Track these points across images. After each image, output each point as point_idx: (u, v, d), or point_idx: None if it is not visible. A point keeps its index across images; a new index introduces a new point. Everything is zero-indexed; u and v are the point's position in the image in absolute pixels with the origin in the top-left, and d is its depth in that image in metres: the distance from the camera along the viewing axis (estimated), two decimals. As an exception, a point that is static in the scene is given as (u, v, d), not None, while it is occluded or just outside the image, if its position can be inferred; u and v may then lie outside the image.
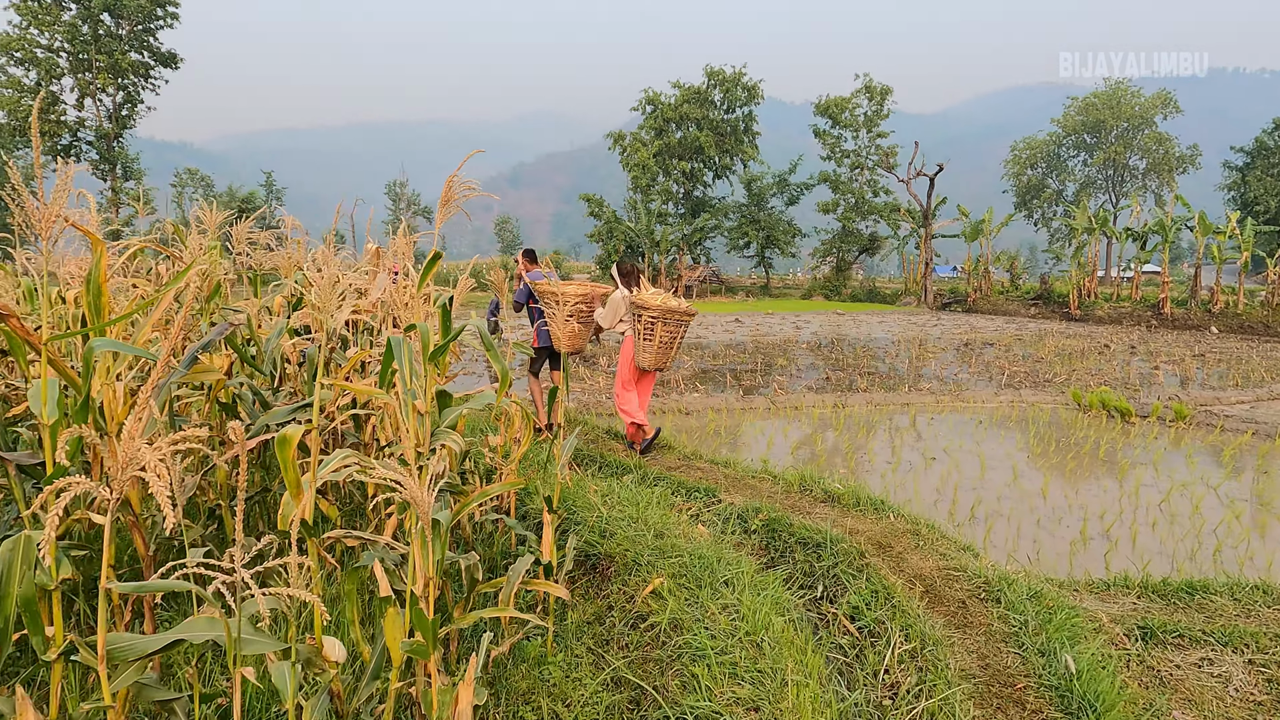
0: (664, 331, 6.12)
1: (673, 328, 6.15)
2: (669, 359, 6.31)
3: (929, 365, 15.80)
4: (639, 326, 6.22)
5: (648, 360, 6.25)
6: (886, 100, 44.38)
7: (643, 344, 6.23)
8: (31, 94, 31.32)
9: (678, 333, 6.21)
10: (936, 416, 9.82)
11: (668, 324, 6.12)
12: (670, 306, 6.11)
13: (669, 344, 6.19)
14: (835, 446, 8.02)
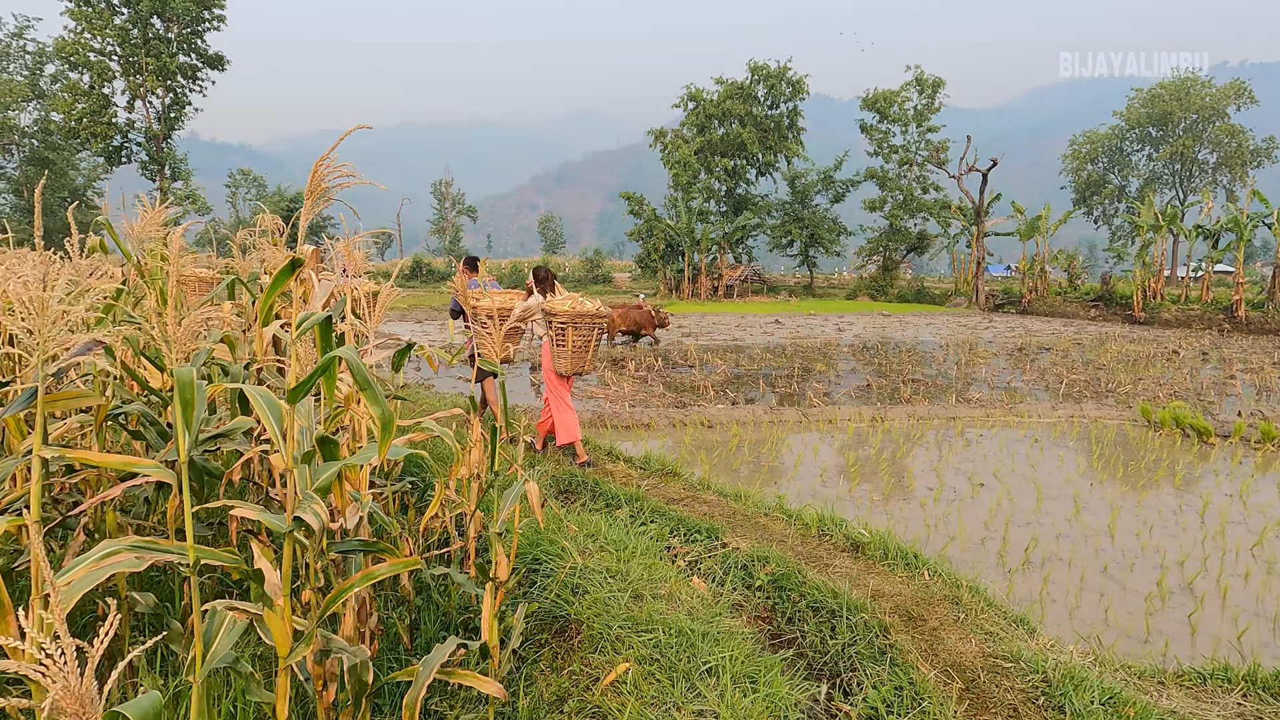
0: (576, 336, 6.17)
1: (585, 332, 6.20)
2: (586, 363, 6.33)
3: (979, 371, 14.78)
4: (551, 333, 6.29)
5: (564, 365, 6.29)
6: (938, 93, 42.72)
7: (557, 350, 6.30)
8: (85, 97, 32.09)
9: (590, 336, 6.26)
10: (986, 433, 8.93)
11: (579, 329, 6.16)
12: (579, 311, 6.14)
13: (583, 348, 6.25)
14: (870, 468, 7.23)
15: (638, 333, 18.32)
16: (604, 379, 13.04)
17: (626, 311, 18.19)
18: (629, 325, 18.11)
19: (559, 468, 5.47)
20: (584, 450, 6.32)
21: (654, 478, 5.45)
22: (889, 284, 43.42)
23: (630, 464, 5.80)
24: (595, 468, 5.75)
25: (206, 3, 33.15)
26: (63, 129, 33.67)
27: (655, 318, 18.31)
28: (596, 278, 52.05)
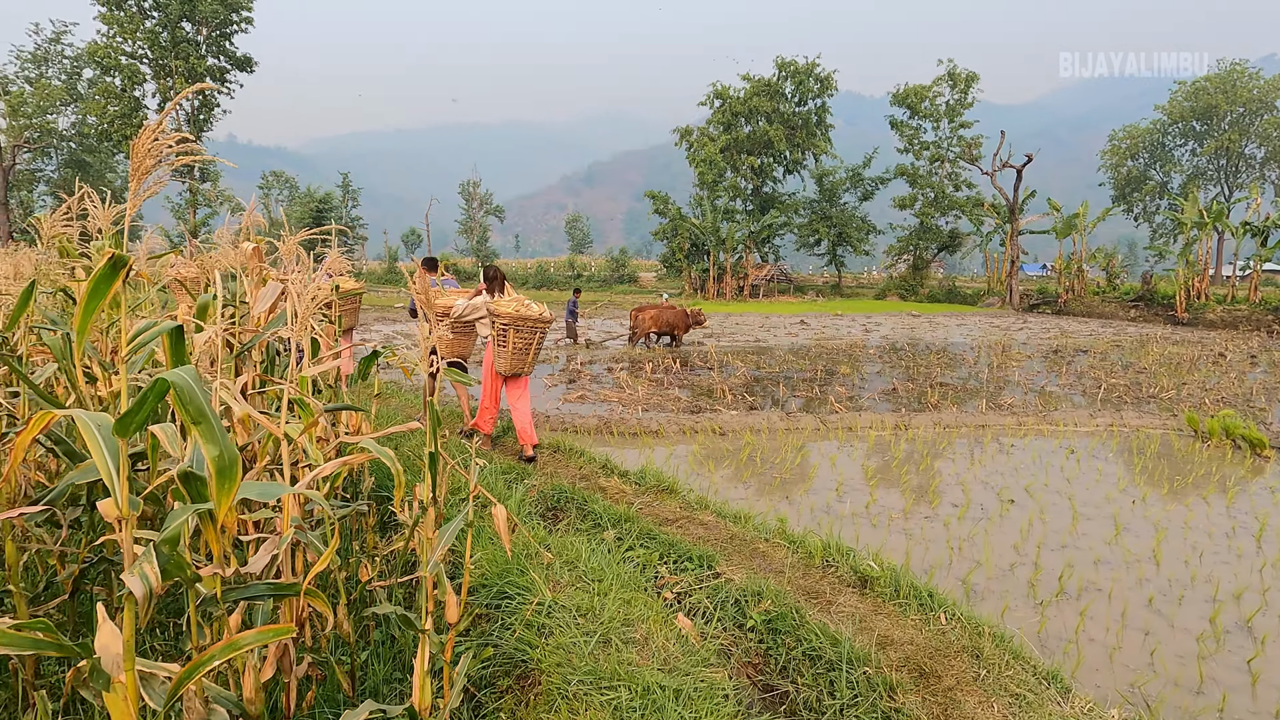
0: (517, 338, 6.32)
1: (526, 335, 6.36)
2: (525, 364, 6.48)
3: (1012, 374, 14.12)
4: (494, 333, 6.40)
5: (503, 365, 6.41)
6: (971, 88, 41.65)
7: (498, 349, 6.41)
8: (117, 100, 32.55)
9: (531, 340, 6.42)
10: (1018, 442, 8.37)
11: (520, 331, 6.31)
12: (522, 315, 6.25)
13: (523, 350, 6.39)
14: (890, 481, 6.75)
15: (672, 333, 17.89)
16: (620, 382, 12.65)
17: (660, 312, 17.75)
18: (662, 326, 17.68)
19: (550, 482, 5.10)
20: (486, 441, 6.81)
21: (649, 495, 5.04)
22: (919, 283, 42.46)
23: (625, 479, 5.39)
24: (588, 482, 5.37)
25: (234, 5, 33.45)
26: (96, 131, 34.19)
27: (690, 318, 17.85)
28: (622, 277, 51.71)
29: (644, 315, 17.70)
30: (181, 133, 1.99)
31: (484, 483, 4.76)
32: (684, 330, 17.86)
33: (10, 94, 40.73)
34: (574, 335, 18.36)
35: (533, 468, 5.88)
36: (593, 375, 13.57)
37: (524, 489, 4.91)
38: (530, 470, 5.45)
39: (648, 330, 17.63)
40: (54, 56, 42.58)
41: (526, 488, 4.96)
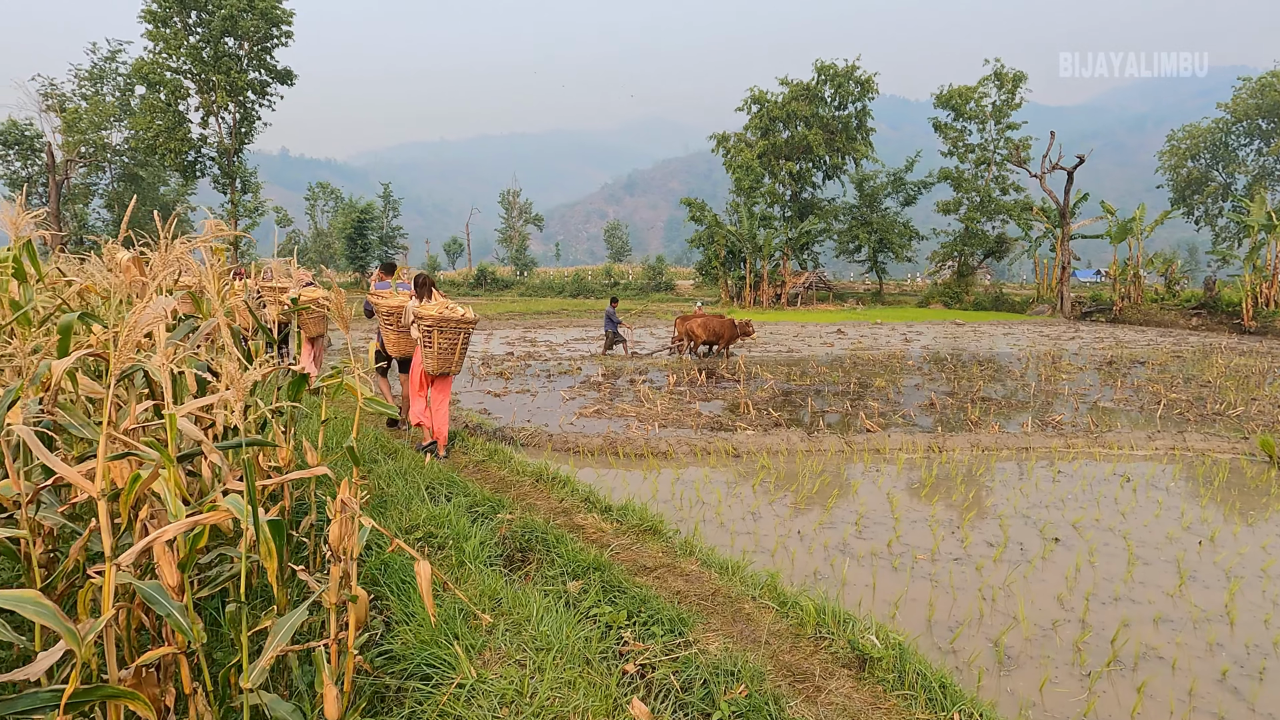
0: (442, 339, 6.68)
1: (450, 335, 6.71)
2: (452, 363, 6.83)
3: (1062, 388, 13.17)
4: (420, 334, 6.81)
5: (430, 365, 6.78)
6: (1019, 88, 40.17)
7: (425, 350, 6.77)
8: (162, 114, 33.32)
9: (456, 340, 6.76)
10: (1065, 468, 7.56)
11: (444, 332, 6.67)
12: (445, 316, 6.63)
13: (449, 350, 6.75)
14: (916, 514, 6.05)
15: (718, 343, 17.32)
16: (640, 395, 12.10)
17: (707, 320, 17.19)
18: (709, 335, 17.10)
19: (523, 518, 4.56)
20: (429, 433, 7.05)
21: (629, 536, 4.47)
22: (964, 290, 41.00)
23: (607, 515, 4.82)
24: (564, 520, 4.81)
25: (274, 20, 33.98)
26: (142, 145, 35.04)
27: (738, 328, 17.27)
28: (659, 285, 51.22)
29: (690, 324, 17.18)
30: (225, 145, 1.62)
31: (447, 518, 4.26)
32: (730, 340, 17.27)
33: (66, 110, 42.13)
34: (611, 345, 17.82)
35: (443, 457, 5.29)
36: (614, 388, 13.05)
37: (490, 527, 4.39)
38: (503, 501, 4.91)
39: (695, 340, 17.10)
40: (109, 74, 43.95)
41: (495, 525, 4.44)
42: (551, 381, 13.87)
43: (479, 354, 17.46)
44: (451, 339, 6.69)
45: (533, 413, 10.83)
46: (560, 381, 13.87)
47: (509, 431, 8.23)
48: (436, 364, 6.71)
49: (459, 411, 10.30)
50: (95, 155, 44.46)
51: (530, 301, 40.48)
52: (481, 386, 13.18)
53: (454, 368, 6.85)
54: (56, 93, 43.52)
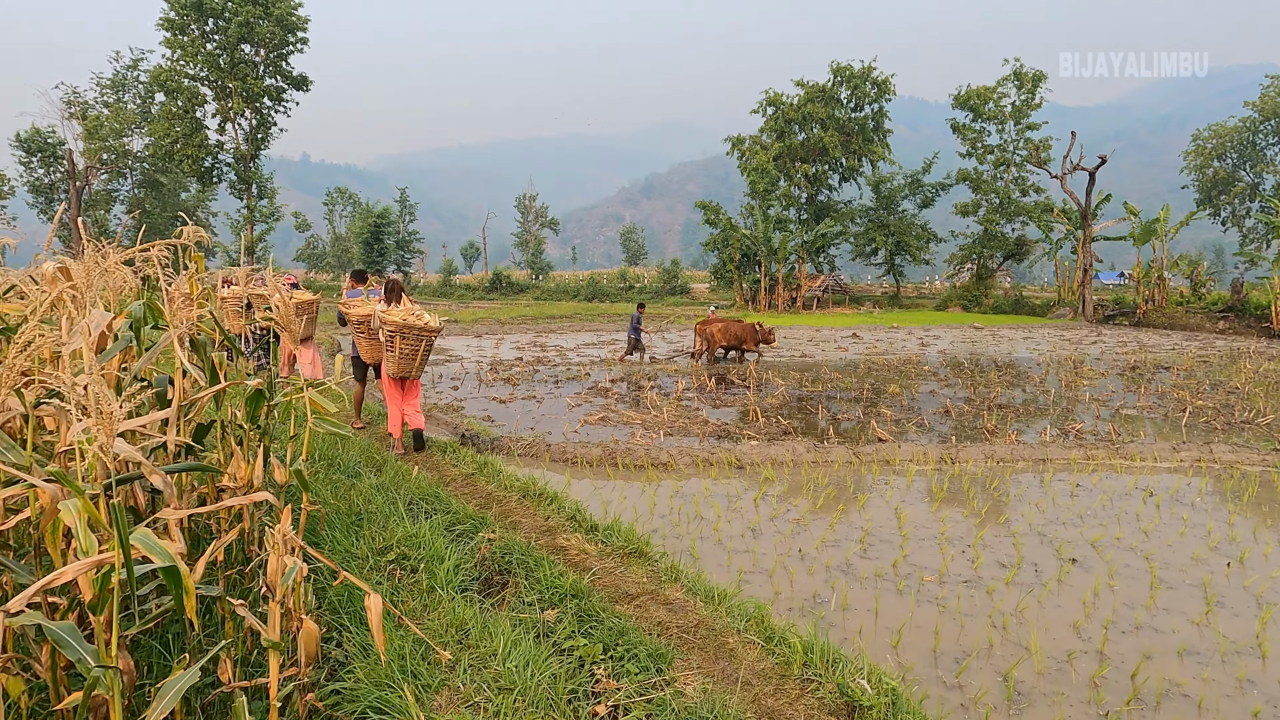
0: (403, 345, 6.92)
1: (413, 341, 6.94)
2: (413, 368, 7.07)
3: (1082, 395, 12.76)
4: (383, 339, 7.01)
5: (391, 368, 7.03)
6: (1039, 88, 39.49)
7: (387, 354, 7.01)
8: (179, 121, 33.65)
9: (418, 346, 6.98)
10: (1084, 481, 7.22)
11: (406, 338, 6.90)
12: (408, 323, 6.87)
13: (410, 355, 6.98)
14: (925, 531, 5.76)
15: (740, 348, 17.05)
16: (648, 402, 11.87)
17: (728, 326, 16.93)
18: (730, 340, 16.85)
19: (505, 537, 4.34)
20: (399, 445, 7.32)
21: (613, 559, 4.22)
22: (983, 293, 40.35)
23: (592, 535, 4.57)
24: (546, 540, 4.57)
25: (290, 26, 34.18)
26: (160, 151, 35.40)
27: (759, 333, 16.98)
28: (674, 289, 50.98)
29: (711, 329, 16.94)
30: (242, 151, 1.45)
31: (423, 538, 4.05)
32: (752, 346, 17.01)
33: (88, 118, 42.70)
34: (632, 351, 17.58)
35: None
36: (620, 394, 12.83)
37: (470, 547, 4.17)
38: (486, 519, 4.68)
39: (715, 345, 16.85)
40: (131, 82, 44.52)
41: (475, 545, 4.22)
42: (559, 387, 13.66)
43: (487, 359, 17.30)
44: (413, 345, 6.95)
45: (537, 420, 10.64)
46: (568, 388, 13.67)
47: (506, 442, 8.02)
48: (397, 368, 7.00)
49: (460, 419, 10.13)
50: (116, 162, 45.05)
51: (544, 305, 40.39)
52: (488, 393, 12.99)
53: (414, 372, 7.13)
54: (79, 100, 44.17)
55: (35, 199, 45.39)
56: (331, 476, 5.35)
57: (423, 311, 7.23)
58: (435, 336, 7.14)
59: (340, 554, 3.83)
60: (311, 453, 6.09)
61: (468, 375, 14.92)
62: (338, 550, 3.85)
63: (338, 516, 4.37)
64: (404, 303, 7.38)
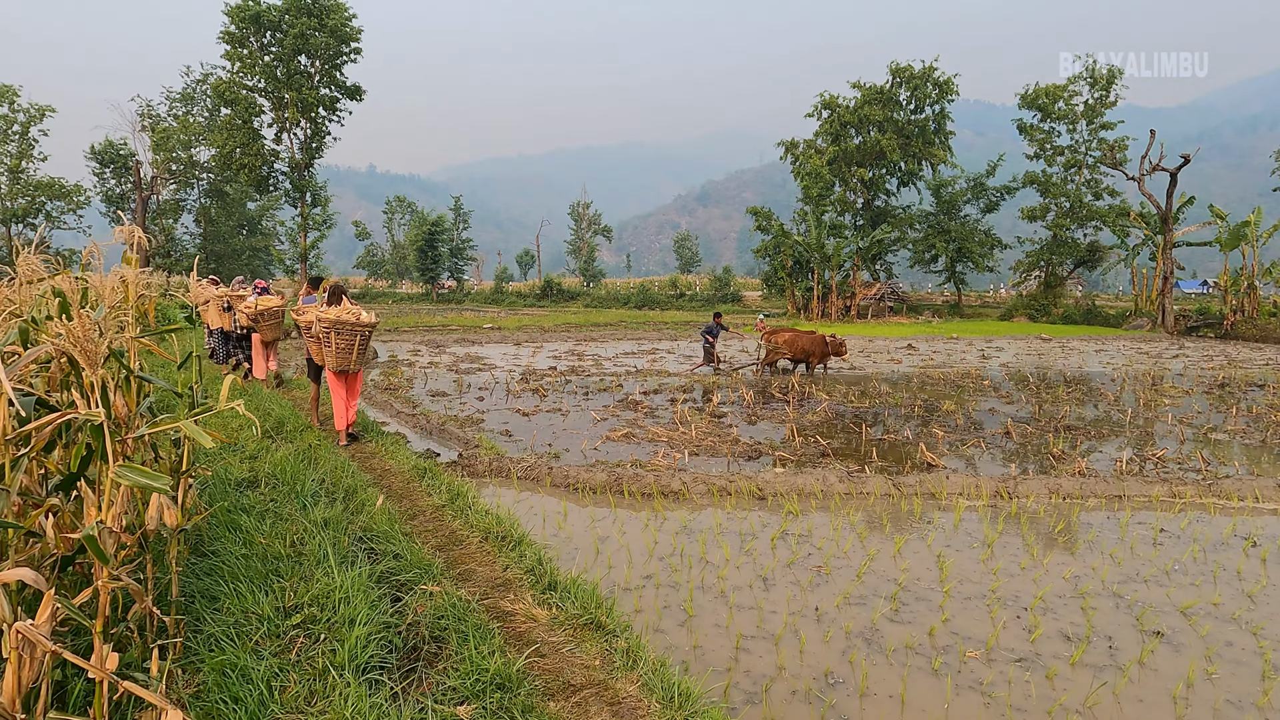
0: (338, 340, 7.52)
1: (347, 336, 7.55)
2: (351, 362, 7.69)
3: (1164, 416, 11.43)
4: (320, 335, 7.62)
5: (331, 363, 7.65)
6: (1114, 86, 37.22)
7: (325, 350, 7.62)
8: (238, 131, 34.50)
9: (353, 340, 7.59)
10: (1170, 526, 6.13)
11: (340, 333, 7.51)
12: (341, 319, 7.51)
13: (346, 349, 7.60)
14: (971, 589, 4.82)
15: (807, 360, 16.17)
16: (677, 417, 11.08)
17: (795, 337, 16.06)
18: (796, 352, 15.97)
19: (448, 595, 3.61)
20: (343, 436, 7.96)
21: (565, 632, 3.43)
22: (1052, 302, 38.15)
23: (549, 596, 3.77)
24: (503, 591, 3.83)
25: (344, 38, 34.68)
26: (219, 161, 36.38)
27: (828, 345, 16.09)
28: (725, 296, 50.02)
29: (778, 339, 16.13)
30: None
31: (343, 595, 3.36)
32: (820, 358, 16.10)
33: (157, 130, 44.29)
34: (709, 360, 16.82)
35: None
36: (650, 408, 12.07)
37: (402, 606, 3.46)
38: (433, 568, 3.93)
39: (781, 356, 16.02)
40: (199, 95, 46.09)
41: (410, 603, 3.51)
42: (588, 399, 12.99)
43: (521, 369, 16.76)
44: (348, 339, 7.59)
45: (557, 435, 9.98)
46: (597, 399, 12.98)
47: (507, 464, 7.35)
48: (336, 362, 7.59)
49: (475, 433, 9.54)
50: (184, 172, 46.63)
51: (591, 313, 39.94)
52: (513, 404, 12.40)
53: (353, 365, 7.76)
54: (152, 113, 45.90)
55: (107, 209, 47.25)
56: (285, 507, 4.74)
57: (360, 310, 7.80)
58: (370, 330, 7.78)
59: (236, 615, 3.18)
60: (280, 475, 5.53)
61: (496, 385, 14.38)
62: (234, 611, 3.20)
63: (260, 561, 3.74)
64: (343, 304, 7.89)
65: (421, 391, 13.54)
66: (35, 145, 41.03)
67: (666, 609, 4.37)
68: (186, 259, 50.77)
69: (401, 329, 27.39)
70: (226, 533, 4.09)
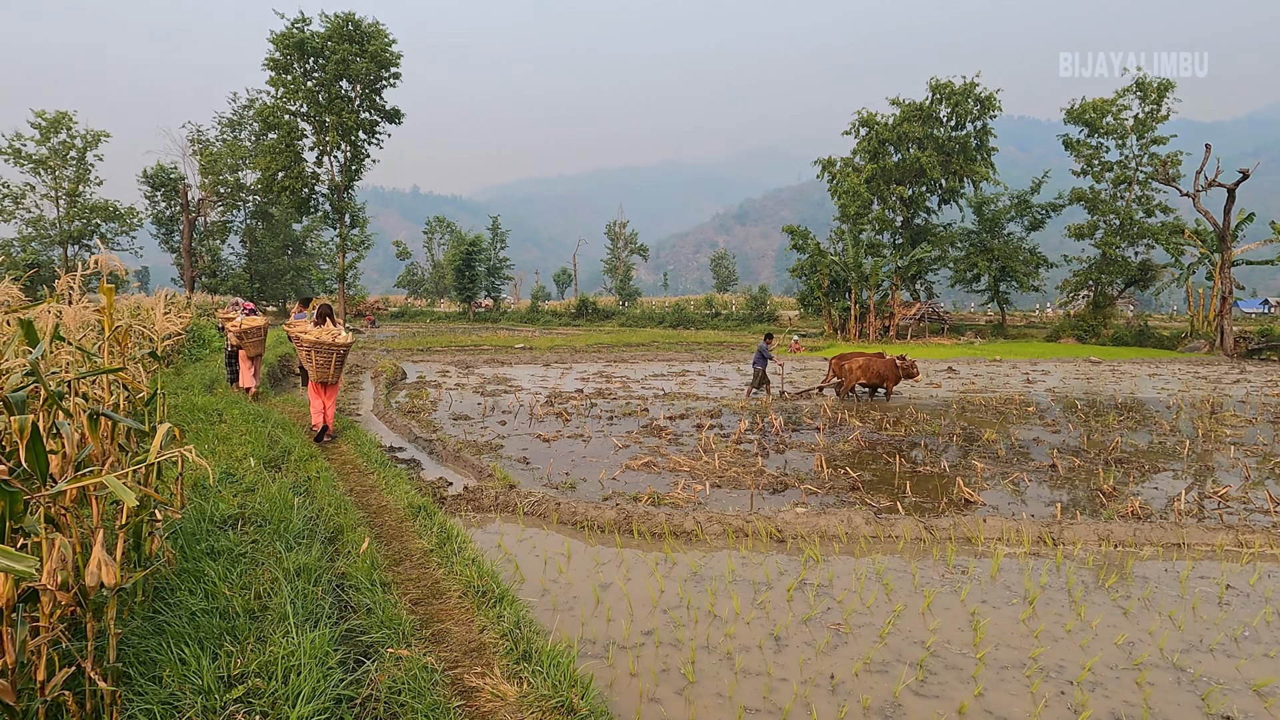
0: (318, 357, 9.01)
1: (325, 354, 9.02)
2: (329, 375, 9.21)
3: (1225, 448, 10.63)
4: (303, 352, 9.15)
5: (312, 375, 9.20)
6: (1165, 98, 35.88)
7: (308, 364, 9.13)
8: (281, 155, 35.30)
9: (330, 358, 9.09)
10: (1237, 579, 5.51)
11: (320, 351, 8.98)
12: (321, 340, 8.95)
13: (324, 365, 9.10)
14: (1008, 655, 4.31)
15: (880, 385, 15.73)
16: (701, 444, 10.67)
17: (869, 362, 15.62)
18: (870, 377, 15.55)
19: (410, 665, 3.26)
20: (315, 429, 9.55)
21: (532, 715, 3.05)
22: (1101, 323, 36.72)
23: (521, 668, 3.36)
24: (473, 658, 3.46)
25: (384, 63, 35.35)
26: (264, 184, 37.27)
27: (901, 368, 15.64)
28: (761, 316, 49.41)
29: (851, 364, 15.73)
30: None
31: (294, 664, 3.04)
32: (894, 382, 15.66)
33: (204, 155, 45.64)
34: (759, 384, 16.24)
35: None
36: (675, 434, 11.68)
37: (360, 675, 3.13)
38: (403, 626, 3.58)
39: (853, 382, 15.60)
40: (246, 120, 47.43)
41: (369, 671, 3.17)
42: (611, 424, 12.63)
43: (547, 391, 16.50)
44: (326, 357, 9.08)
45: (576, 463, 9.65)
46: (621, 425, 12.63)
47: (514, 498, 7.01)
48: (316, 374, 9.19)
49: (493, 460, 9.27)
50: (231, 195, 47.92)
51: (624, 333, 39.67)
52: (535, 429, 12.11)
53: (331, 378, 9.29)
54: (201, 138, 47.36)
55: (157, 230, 48.70)
56: (265, 549, 4.46)
57: (340, 331, 9.23)
58: (345, 350, 9.21)
59: (172, 686, 2.87)
60: (269, 511, 5.27)
61: (521, 408, 14.12)
62: (170, 680, 2.90)
63: (220, 618, 3.44)
64: (326, 325, 9.35)
65: (445, 415, 13.34)
66: (91, 170, 42.54)
67: (665, 673, 3.96)
68: (232, 279, 52.11)
69: (434, 349, 27.42)
70: (192, 581, 3.82)
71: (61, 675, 2.67)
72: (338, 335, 9.04)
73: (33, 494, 2.50)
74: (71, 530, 2.99)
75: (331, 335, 8.99)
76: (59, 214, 41.89)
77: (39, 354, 2.97)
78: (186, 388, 12.07)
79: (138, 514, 3.68)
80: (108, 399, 4.35)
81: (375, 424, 12.17)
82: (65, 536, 3.09)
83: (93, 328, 4.66)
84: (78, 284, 4.24)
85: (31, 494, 2.51)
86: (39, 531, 2.92)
